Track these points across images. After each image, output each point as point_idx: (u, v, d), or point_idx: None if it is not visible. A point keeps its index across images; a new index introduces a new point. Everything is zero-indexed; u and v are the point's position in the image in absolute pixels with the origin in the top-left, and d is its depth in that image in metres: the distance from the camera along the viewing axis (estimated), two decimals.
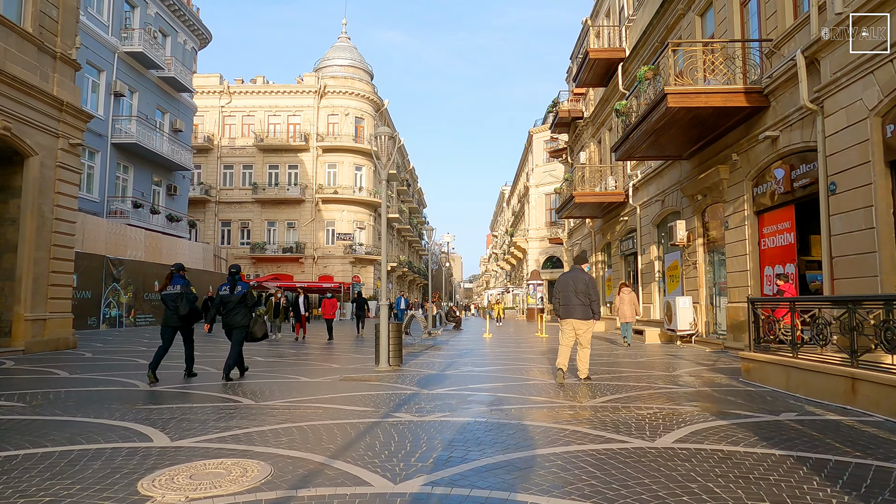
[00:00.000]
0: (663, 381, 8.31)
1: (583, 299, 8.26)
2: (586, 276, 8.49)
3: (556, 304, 8.54)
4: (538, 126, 47.04)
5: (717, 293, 14.59)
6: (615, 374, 9.18)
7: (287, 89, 44.64)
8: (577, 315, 8.27)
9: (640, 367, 10.19)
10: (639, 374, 9.17)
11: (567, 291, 8.35)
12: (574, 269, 8.63)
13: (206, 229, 44.06)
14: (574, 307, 8.27)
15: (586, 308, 8.29)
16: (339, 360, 11.73)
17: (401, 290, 24.49)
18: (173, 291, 8.37)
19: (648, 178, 18.51)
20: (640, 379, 8.60)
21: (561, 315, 8.47)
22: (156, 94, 29.39)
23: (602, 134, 24.64)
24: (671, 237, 15.90)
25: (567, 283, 8.41)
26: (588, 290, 8.26)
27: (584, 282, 8.29)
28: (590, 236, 26.35)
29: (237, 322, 8.57)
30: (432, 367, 10.29)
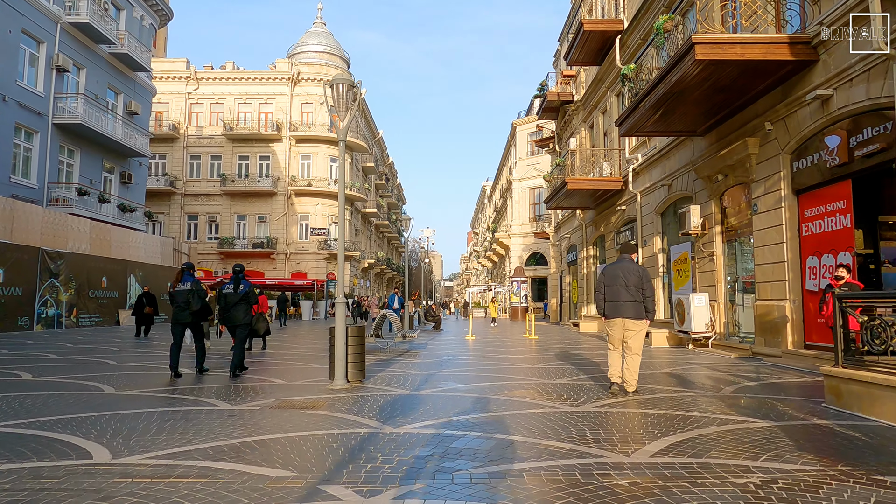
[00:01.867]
0: (720, 409, 5.98)
1: (635, 294, 6.95)
2: (638, 267, 7.17)
3: (601, 301, 7.22)
4: (522, 117, 44.84)
5: (740, 289, 12.37)
6: (651, 394, 6.83)
7: (258, 76, 41.79)
8: (628, 313, 6.96)
9: (675, 383, 7.87)
10: (680, 395, 6.84)
11: (616, 286, 7.02)
12: (623, 260, 7.26)
13: (172, 223, 41.05)
14: (625, 304, 6.96)
15: (639, 305, 6.97)
16: (288, 373, 9.23)
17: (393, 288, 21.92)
18: (184, 289, 8.42)
19: (652, 160, 16.28)
20: (686, 404, 6.26)
21: (607, 313, 7.15)
22: (107, 72, 26.45)
23: (595, 118, 22.40)
24: (682, 225, 13.67)
25: (616, 275, 7.06)
26: (641, 283, 6.98)
27: (636, 274, 7.00)
28: (580, 229, 24.12)
29: (239, 319, 8.67)
30: (403, 384, 7.85)
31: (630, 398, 6.63)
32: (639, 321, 6.97)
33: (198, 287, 8.52)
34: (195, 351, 8.91)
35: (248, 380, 8.34)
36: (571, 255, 26.27)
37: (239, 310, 8.62)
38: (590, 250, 23.49)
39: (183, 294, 8.38)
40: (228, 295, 8.64)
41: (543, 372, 9.16)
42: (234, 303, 8.61)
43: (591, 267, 23.45)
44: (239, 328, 8.69)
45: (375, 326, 12.98)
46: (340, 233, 8.01)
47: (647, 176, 16.91)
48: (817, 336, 9.73)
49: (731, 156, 11.72)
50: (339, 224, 8.02)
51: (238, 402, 6.46)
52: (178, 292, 8.43)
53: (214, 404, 6.29)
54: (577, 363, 10.45)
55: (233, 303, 8.62)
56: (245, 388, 7.56)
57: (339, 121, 8.27)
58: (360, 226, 48.65)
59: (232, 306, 8.62)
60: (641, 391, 7.09)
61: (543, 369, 9.53)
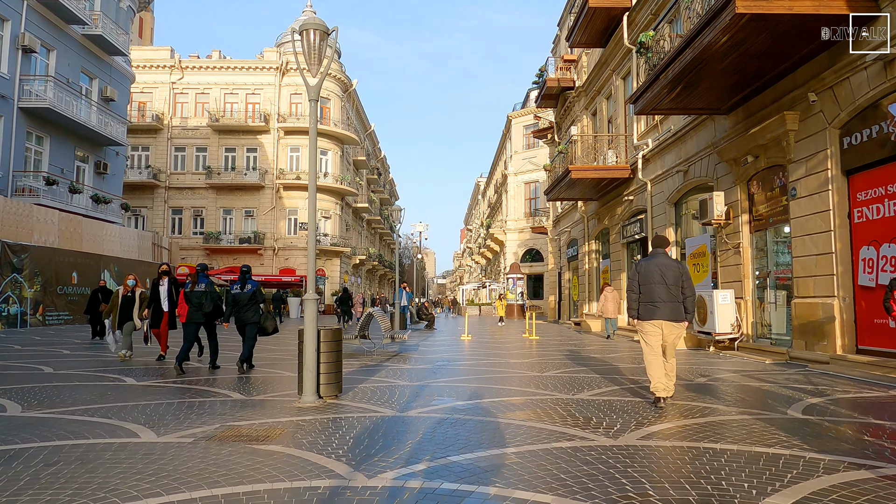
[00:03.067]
0: (812, 442, 4.46)
1: (674, 293, 6.20)
2: (677, 262, 6.42)
3: (634, 301, 6.39)
4: (518, 110, 43.36)
5: (771, 285, 10.89)
6: (704, 415, 5.32)
7: (245, 65, 40.04)
8: (665, 315, 6.15)
9: (723, 398, 6.37)
10: (741, 418, 5.33)
11: (652, 284, 6.22)
12: (657, 255, 6.44)
13: (155, 217, 39.27)
14: (662, 304, 6.16)
15: (678, 305, 6.19)
16: (254, 383, 7.66)
17: (401, 283, 20.46)
18: (199, 290, 8.69)
19: (665, 145, 14.79)
20: (759, 433, 4.74)
21: (641, 315, 6.32)
22: (80, 54, 24.68)
23: (598, 104, 20.91)
24: (703, 214, 12.19)
25: (652, 272, 6.25)
26: (681, 281, 6.22)
27: (675, 270, 6.23)
28: (581, 222, 22.63)
29: (249, 318, 8.81)
30: (388, 400, 6.31)
31: (673, 424, 5.13)
32: (678, 323, 6.19)
33: (211, 289, 8.84)
34: (209, 348, 9.21)
35: (200, 391, 6.78)
36: (571, 251, 24.79)
37: (248, 309, 8.80)
38: (592, 245, 22.01)
39: (197, 295, 8.68)
40: (237, 295, 8.83)
41: (558, 383, 7.64)
42: (243, 303, 8.81)
43: (593, 262, 21.98)
44: (248, 327, 8.83)
45: (360, 326, 11.43)
46: (311, 207, 6.46)
47: (659, 163, 15.43)
48: (873, 339, 8.27)
49: (764, 134, 10.24)
50: (310, 200, 6.48)
51: (169, 428, 4.90)
52: (193, 293, 8.70)
53: (136, 433, 4.72)
54: (594, 369, 8.95)
55: (242, 303, 8.81)
56: (191, 404, 6.00)
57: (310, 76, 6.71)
58: (351, 221, 47.01)
59: (242, 306, 8.81)
60: (690, 411, 5.59)
61: (557, 379, 8.01)
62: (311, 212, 6.45)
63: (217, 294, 8.99)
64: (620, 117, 18.73)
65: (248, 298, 8.82)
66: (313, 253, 6.44)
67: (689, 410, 5.69)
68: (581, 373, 8.63)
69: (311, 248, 6.41)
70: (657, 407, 5.84)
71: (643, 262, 6.42)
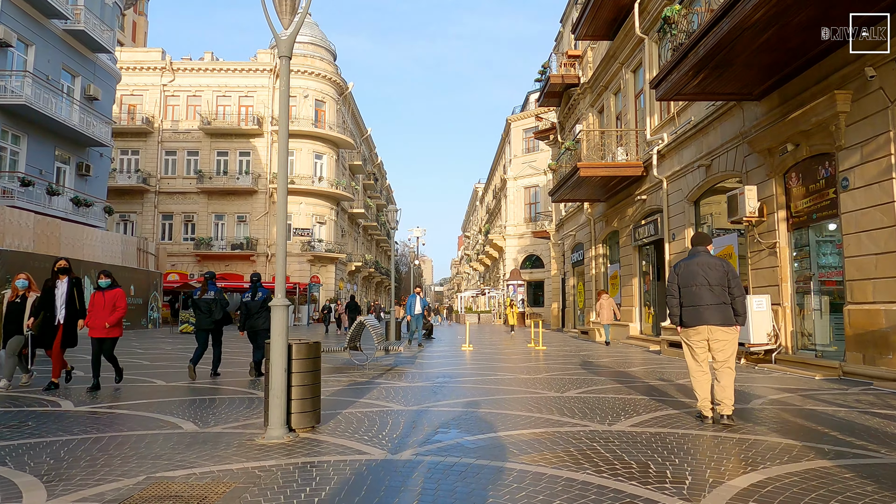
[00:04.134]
0: None
1: (720, 295, 5.45)
2: (720, 260, 5.67)
3: (675, 307, 5.65)
4: (517, 113, 42.20)
5: (815, 289, 9.57)
6: (802, 459, 3.96)
7: (238, 67, 38.79)
8: (713, 319, 5.42)
9: (807, 432, 5.01)
10: (847, 463, 3.97)
11: (694, 286, 5.52)
12: (698, 254, 5.73)
13: (145, 223, 37.87)
14: (708, 308, 5.43)
15: (725, 308, 5.45)
16: (216, 406, 6.29)
17: (415, 288, 17.76)
18: (208, 297, 8.72)
19: (683, 138, 13.52)
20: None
21: (685, 321, 5.58)
22: (61, 50, 23.36)
23: (605, 100, 19.67)
24: (731, 212, 10.90)
25: (694, 272, 5.56)
26: (727, 280, 5.50)
27: (719, 269, 5.53)
28: (588, 225, 21.33)
29: (260, 325, 8.86)
30: (377, 434, 4.95)
31: (765, 475, 3.79)
32: (728, 328, 5.41)
33: (220, 296, 8.85)
34: (213, 356, 9.02)
35: (142, 420, 5.40)
36: (576, 255, 23.49)
37: (259, 316, 8.89)
38: (599, 249, 20.70)
39: (206, 302, 8.70)
40: (249, 303, 8.93)
41: (585, 407, 6.28)
42: (255, 310, 8.91)
43: (600, 267, 20.65)
44: (259, 333, 8.83)
45: (350, 337, 10.05)
46: (282, 179, 5.13)
47: (676, 158, 14.16)
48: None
49: (807, 118, 8.97)
50: (280, 174, 5.15)
51: (72, 484, 3.52)
52: (203, 301, 8.71)
53: (15, 495, 3.35)
54: (623, 386, 7.60)
55: (254, 310, 8.92)
56: (120, 441, 4.62)
57: (281, 26, 5.40)
58: (346, 227, 45.65)
59: (253, 314, 8.92)
60: (772, 450, 4.23)
61: (583, 401, 6.65)
62: (280, 196, 5.13)
63: (226, 301, 9.04)
64: (631, 112, 17.48)
65: (259, 306, 8.91)
66: (283, 249, 5.10)
67: (770, 449, 4.34)
68: (609, 392, 7.27)
69: (280, 239, 5.06)
70: (705, 422, 5.38)
71: (682, 262, 5.72)
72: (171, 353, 13.44)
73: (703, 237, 5.84)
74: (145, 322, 27.00)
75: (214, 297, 8.78)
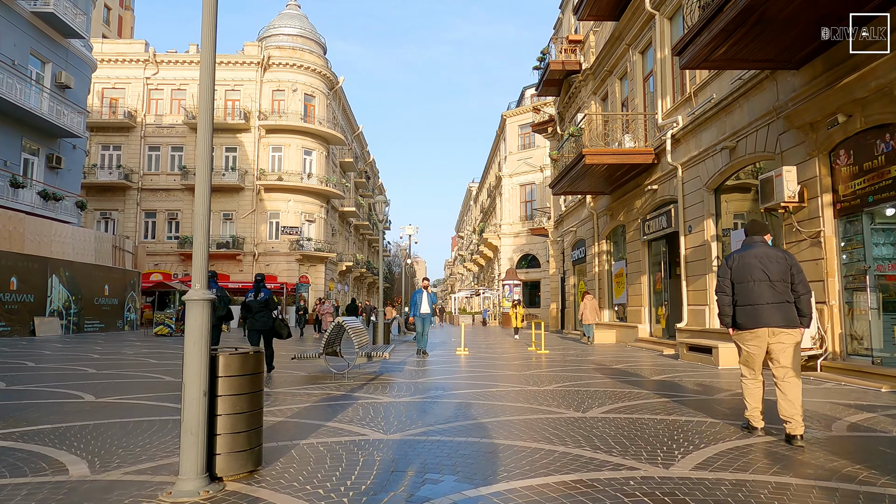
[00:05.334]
0: None
1: (782, 292, 4.55)
2: (782, 252, 4.70)
3: (726, 306, 4.75)
4: (513, 109, 40.80)
5: (872, 285, 8.10)
6: None
7: (225, 60, 37.08)
8: (773, 320, 4.51)
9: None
10: None
11: (751, 281, 4.60)
12: (754, 244, 4.78)
13: (127, 221, 36.15)
14: (768, 307, 4.53)
15: (788, 307, 4.54)
16: (134, 435, 4.74)
17: (422, 281, 13.89)
18: None
19: (702, 120, 12.07)
20: None
21: (740, 323, 4.67)
22: (29, 34, 21.72)
23: (610, 86, 18.24)
24: (765, 197, 9.46)
25: (750, 266, 4.63)
26: (790, 274, 4.56)
27: (781, 262, 4.58)
28: (590, 220, 19.87)
29: (261, 325, 8.92)
30: (338, 489, 3.42)
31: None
32: (792, 329, 4.60)
33: (222, 293, 8.96)
34: None
35: (19, 458, 3.85)
36: (577, 253, 22.03)
37: (261, 316, 8.93)
38: (602, 245, 19.24)
39: None
40: (251, 303, 8.99)
41: (618, 432, 4.78)
42: (256, 309, 8.94)
43: (603, 265, 19.20)
44: (261, 333, 8.98)
45: (327, 342, 8.52)
46: (203, 137, 3.62)
47: (693, 142, 12.72)
48: None
49: (864, 83, 7.55)
50: (201, 129, 3.64)
51: None
52: None
53: None
54: (655, 402, 6.11)
55: (255, 309, 8.94)
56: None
57: None
58: (337, 225, 44.04)
59: (255, 313, 8.94)
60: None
61: (613, 423, 5.15)
62: (204, 126, 3.62)
63: (228, 298, 9.20)
64: (639, 97, 16.05)
65: (260, 305, 8.94)
66: (205, 205, 3.59)
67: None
68: (643, 410, 5.78)
69: (201, 188, 3.56)
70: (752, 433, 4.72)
71: (736, 254, 4.88)
72: (130, 360, 11.85)
73: (760, 225, 4.98)
74: (121, 324, 25.32)
75: (217, 296, 8.72)
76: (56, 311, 21.15)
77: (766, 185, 9.46)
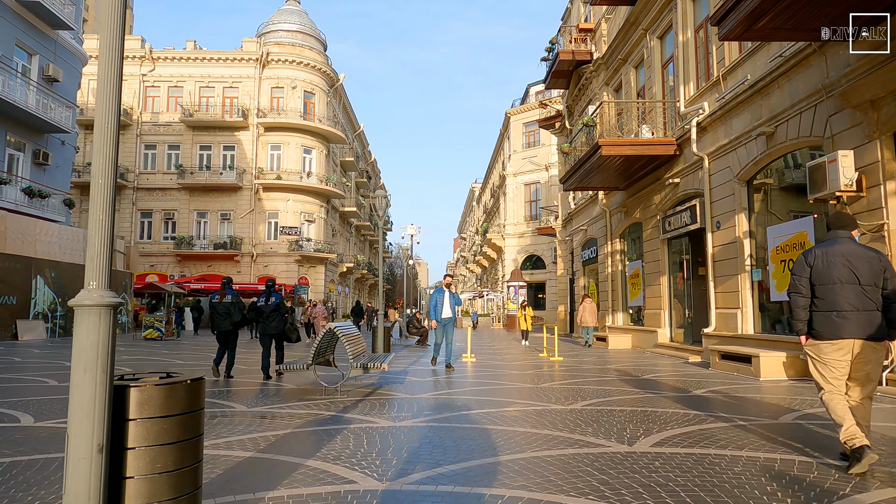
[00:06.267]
0: None
1: (873, 297, 3.84)
2: (874, 252, 3.95)
3: (801, 309, 4.00)
4: (517, 106, 39.67)
5: None
6: None
7: (223, 56, 36.06)
8: (857, 330, 3.81)
9: None
10: None
11: (834, 283, 3.89)
12: (839, 240, 4.03)
13: (122, 221, 35.04)
14: (855, 315, 3.83)
15: (877, 316, 3.83)
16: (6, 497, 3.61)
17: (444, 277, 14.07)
18: (227, 301, 8.99)
19: (736, 103, 10.88)
20: None
21: (818, 331, 3.94)
22: (13, 24, 20.63)
23: (624, 75, 17.09)
24: (815, 187, 8.27)
25: (834, 265, 3.92)
26: (883, 278, 3.84)
27: (871, 263, 3.87)
28: (603, 218, 18.69)
29: (272, 329, 9.06)
30: None
31: None
32: (878, 343, 3.83)
33: (237, 300, 9.12)
34: (227, 358, 9.04)
35: None
36: (588, 252, 20.85)
37: (273, 319, 9.04)
38: (616, 244, 18.06)
39: (225, 306, 8.96)
40: (262, 307, 9.08)
41: (690, 479, 3.61)
42: (267, 313, 9.04)
43: (617, 265, 18.02)
44: (272, 337, 9.05)
45: (317, 350, 7.34)
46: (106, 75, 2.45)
47: (722, 130, 11.55)
48: None
49: None
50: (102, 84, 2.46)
51: None
52: (221, 304, 8.97)
53: None
54: (706, 422, 4.94)
55: (266, 313, 9.04)
56: None
57: None
58: (338, 226, 42.92)
59: (266, 317, 9.03)
60: None
61: (678, 464, 3.98)
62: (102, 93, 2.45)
63: (243, 304, 9.34)
64: (657, 85, 14.89)
65: (271, 310, 9.04)
66: (108, 191, 2.42)
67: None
68: (704, 442, 4.60)
69: (98, 191, 2.39)
70: (854, 472, 3.62)
71: (818, 250, 4.10)
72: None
73: (847, 218, 4.22)
74: None
75: (232, 301, 9.02)
76: (41, 314, 20.02)
77: (816, 173, 8.28)
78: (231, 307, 9.00)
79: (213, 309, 9.09)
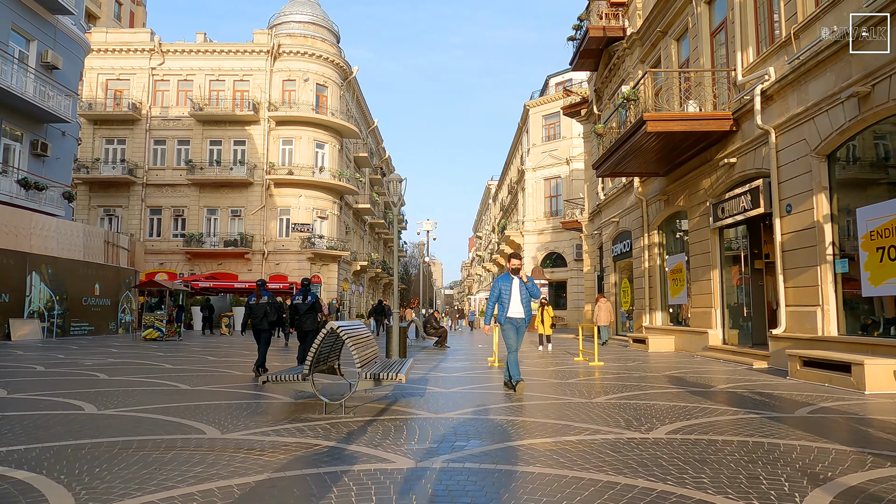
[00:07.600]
0: None
1: None
2: None
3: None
4: (536, 98, 37.93)
5: None
6: None
7: (233, 48, 34.82)
8: None
9: None
10: None
11: None
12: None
13: (131, 218, 33.96)
14: None
15: None
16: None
17: (509, 261, 7.34)
18: (263, 302, 9.22)
19: (814, 63, 9.09)
20: None
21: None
22: (10, 7, 19.41)
23: (664, 49, 15.34)
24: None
25: None
26: None
27: None
28: (638, 208, 16.92)
29: (308, 327, 9.21)
30: None
31: None
32: None
33: (273, 300, 9.34)
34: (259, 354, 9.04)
35: None
36: (620, 246, 19.08)
37: (308, 318, 9.20)
38: (654, 236, 16.30)
39: (262, 307, 9.18)
40: (298, 305, 9.27)
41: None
42: (302, 312, 9.20)
43: (654, 259, 16.25)
44: (308, 334, 9.10)
45: (316, 357, 5.74)
46: None
47: (795, 97, 9.78)
48: None
49: None
50: None
51: None
52: (259, 306, 9.19)
53: None
54: (841, 454, 3.28)
55: (302, 312, 9.19)
56: None
57: None
58: (351, 223, 41.48)
59: (302, 315, 9.19)
60: None
61: None
62: None
63: (278, 304, 9.50)
64: (705, 55, 13.16)
65: (307, 308, 9.21)
66: None
67: None
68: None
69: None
70: None
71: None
72: (75, 377, 9.23)
73: None
74: (114, 326, 22.89)
75: (268, 301, 9.23)
76: (36, 312, 18.74)
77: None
78: (268, 307, 9.25)
79: (250, 310, 9.29)
